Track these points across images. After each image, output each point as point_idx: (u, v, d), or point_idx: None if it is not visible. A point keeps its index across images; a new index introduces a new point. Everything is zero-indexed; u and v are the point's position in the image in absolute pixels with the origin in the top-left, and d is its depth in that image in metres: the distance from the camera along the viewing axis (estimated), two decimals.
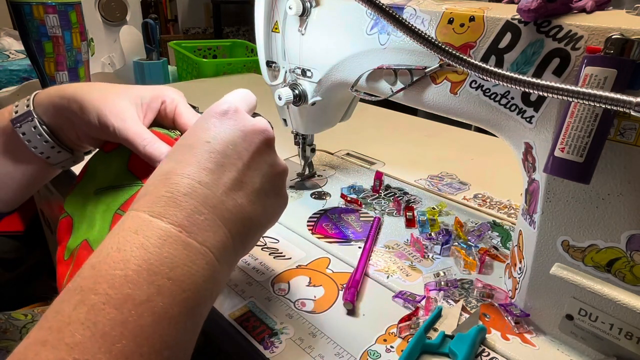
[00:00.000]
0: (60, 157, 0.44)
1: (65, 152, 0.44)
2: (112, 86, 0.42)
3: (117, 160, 0.42)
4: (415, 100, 0.47)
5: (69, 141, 0.44)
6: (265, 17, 0.57)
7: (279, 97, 0.57)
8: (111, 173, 0.41)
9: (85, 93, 0.40)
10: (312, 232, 0.55)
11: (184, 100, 0.43)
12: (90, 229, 0.39)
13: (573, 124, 0.32)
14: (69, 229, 0.41)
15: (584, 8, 0.35)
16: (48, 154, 0.43)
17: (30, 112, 0.41)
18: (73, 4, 0.85)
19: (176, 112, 0.42)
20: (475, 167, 0.78)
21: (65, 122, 0.42)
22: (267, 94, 0.62)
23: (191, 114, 0.42)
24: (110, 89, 0.41)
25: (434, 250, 0.52)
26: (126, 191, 0.40)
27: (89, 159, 0.44)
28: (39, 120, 0.41)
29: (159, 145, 0.39)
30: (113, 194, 0.40)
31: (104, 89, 0.41)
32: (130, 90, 0.42)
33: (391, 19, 0.36)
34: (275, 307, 0.43)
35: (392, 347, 0.39)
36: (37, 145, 0.42)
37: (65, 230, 0.41)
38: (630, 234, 0.33)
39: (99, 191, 0.41)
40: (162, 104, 0.43)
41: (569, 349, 0.39)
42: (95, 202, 0.40)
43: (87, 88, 0.41)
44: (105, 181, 0.41)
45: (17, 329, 0.50)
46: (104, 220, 0.39)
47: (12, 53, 1.26)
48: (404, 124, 1.01)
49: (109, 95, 0.40)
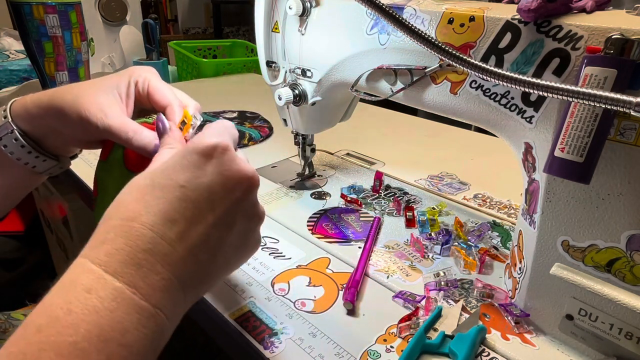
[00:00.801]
0: (46, 165, 0.43)
1: (50, 160, 0.42)
2: (85, 84, 0.40)
3: (115, 164, 0.41)
4: (415, 100, 0.47)
5: (54, 148, 0.43)
6: (265, 17, 0.57)
7: (279, 97, 0.57)
8: (116, 180, 0.41)
9: (60, 98, 0.38)
10: (312, 232, 0.55)
11: (156, 77, 0.41)
12: None
13: (573, 124, 0.32)
14: None
15: (584, 8, 0.35)
16: (33, 164, 0.42)
17: (8, 123, 0.40)
18: (73, 4, 0.85)
19: (149, 90, 0.40)
20: (475, 167, 0.78)
21: (48, 131, 0.41)
22: (267, 94, 0.62)
23: (165, 89, 0.40)
24: (85, 87, 0.40)
25: (434, 250, 0.52)
26: None
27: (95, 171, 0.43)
28: (19, 132, 0.40)
29: (146, 134, 0.37)
30: None
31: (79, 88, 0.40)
32: (104, 82, 0.40)
33: (391, 19, 0.36)
34: (275, 307, 0.43)
35: (392, 347, 0.39)
36: (20, 157, 0.41)
37: None
38: (630, 234, 0.33)
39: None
40: (135, 85, 0.41)
41: (569, 349, 0.39)
42: None
43: (62, 92, 0.39)
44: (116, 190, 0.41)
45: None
46: None
47: (12, 53, 1.26)
48: (404, 124, 1.01)
49: (85, 94, 0.39)
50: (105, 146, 0.43)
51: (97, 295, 0.25)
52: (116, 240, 0.27)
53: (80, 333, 0.24)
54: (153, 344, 0.27)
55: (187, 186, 0.29)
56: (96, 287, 0.26)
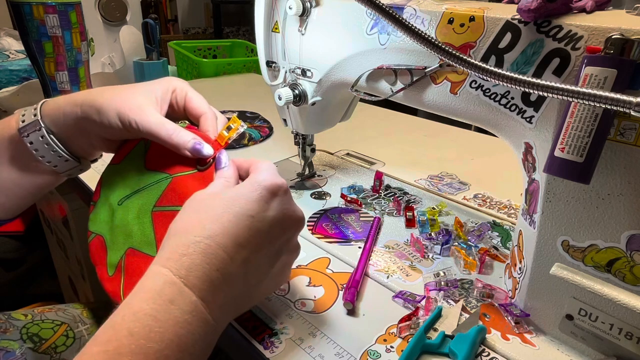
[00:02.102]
0: (67, 166, 0.44)
1: (72, 161, 0.44)
2: (121, 86, 0.42)
3: (132, 165, 0.42)
4: (415, 100, 0.47)
5: (79, 149, 0.44)
6: (265, 17, 0.57)
7: (279, 97, 0.57)
8: (130, 180, 0.42)
9: (98, 96, 0.40)
10: (312, 232, 0.55)
11: (191, 88, 0.44)
12: (129, 238, 0.39)
13: (573, 124, 0.32)
14: (102, 248, 0.41)
15: (584, 8, 0.35)
16: (55, 163, 0.43)
17: (37, 121, 0.41)
18: (73, 4, 0.85)
19: (186, 98, 0.43)
20: (475, 167, 0.78)
21: (77, 130, 0.42)
22: (267, 94, 0.62)
23: (201, 99, 0.43)
24: (123, 89, 0.42)
25: (434, 250, 0.52)
26: (154, 188, 0.40)
27: (101, 176, 0.44)
28: (47, 130, 0.41)
29: (183, 134, 0.39)
30: (142, 197, 0.40)
31: (116, 89, 0.42)
32: (142, 86, 0.42)
33: (391, 19, 0.36)
34: (275, 307, 0.43)
35: (392, 347, 0.39)
36: (44, 155, 0.42)
37: (99, 250, 0.41)
38: (630, 234, 0.33)
39: (123, 201, 0.41)
40: (172, 92, 0.43)
41: (569, 349, 0.39)
42: (124, 212, 0.41)
43: (99, 91, 0.41)
44: (126, 189, 0.42)
45: (17, 329, 0.50)
46: (142, 223, 0.39)
47: (12, 53, 1.26)
48: (404, 124, 1.01)
49: (123, 94, 0.40)
50: (123, 148, 0.44)
51: (179, 307, 0.29)
52: (195, 257, 0.30)
53: (164, 341, 0.27)
54: (208, 351, 0.31)
55: (255, 217, 0.33)
56: (178, 300, 0.29)
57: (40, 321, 0.52)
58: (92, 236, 0.42)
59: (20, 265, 1.18)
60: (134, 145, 0.43)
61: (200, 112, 0.43)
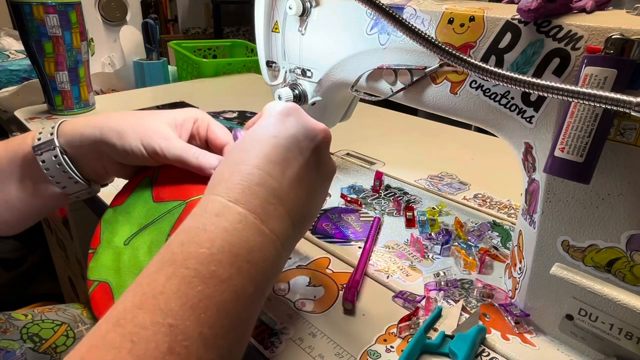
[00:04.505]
0: (76, 188, 0.44)
1: (82, 184, 0.44)
2: (143, 113, 0.43)
3: (138, 202, 0.42)
4: (415, 100, 0.47)
5: (91, 172, 0.44)
6: (265, 17, 0.57)
7: (279, 97, 0.57)
8: (137, 217, 0.41)
9: (120, 121, 0.41)
10: (312, 232, 0.55)
11: (213, 119, 0.46)
12: None
13: (573, 124, 0.32)
14: (107, 295, 0.38)
15: (584, 8, 0.35)
16: (65, 184, 0.43)
17: (52, 140, 0.41)
18: (73, 4, 0.85)
19: (209, 129, 0.44)
20: (475, 167, 0.78)
21: (92, 153, 0.42)
22: (267, 94, 0.62)
23: (223, 131, 0.44)
24: (145, 115, 0.42)
25: (434, 250, 0.52)
26: (166, 219, 0.39)
27: (100, 220, 0.43)
28: (61, 150, 0.41)
29: (209, 156, 0.40)
30: (152, 231, 0.39)
31: (137, 115, 0.42)
32: (162, 114, 0.43)
33: (391, 19, 0.36)
34: (275, 307, 0.43)
35: (392, 347, 0.39)
36: (54, 175, 0.42)
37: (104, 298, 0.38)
38: (630, 234, 0.33)
39: (130, 240, 0.40)
40: (194, 123, 0.44)
41: (569, 349, 0.39)
42: (132, 251, 0.39)
43: (121, 116, 0.42)
44: (132, 228, 0.41)
45: (17, 329, 0.50)
46: None
47: (12, 53, 1.26)
48: (404, 124, 1.01)
49: (146, 120, 0.41)
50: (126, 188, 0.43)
51: (226, 218, 0.29)
52: (232, 179, 0.32)
53: (215, 246, 0.28)
54: (273, 268, 0.31)
55: (279, 136, 0.34)
56: (224, 212, 0.30)
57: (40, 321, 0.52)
58: (94, 285, 0.39)
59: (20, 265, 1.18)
60: (137, 183, 0.43)
61: (223, 143, 0.44)
